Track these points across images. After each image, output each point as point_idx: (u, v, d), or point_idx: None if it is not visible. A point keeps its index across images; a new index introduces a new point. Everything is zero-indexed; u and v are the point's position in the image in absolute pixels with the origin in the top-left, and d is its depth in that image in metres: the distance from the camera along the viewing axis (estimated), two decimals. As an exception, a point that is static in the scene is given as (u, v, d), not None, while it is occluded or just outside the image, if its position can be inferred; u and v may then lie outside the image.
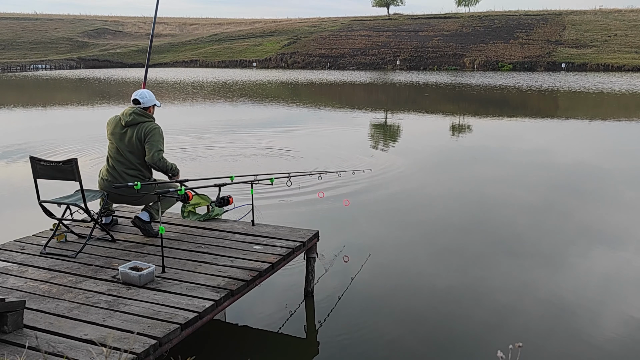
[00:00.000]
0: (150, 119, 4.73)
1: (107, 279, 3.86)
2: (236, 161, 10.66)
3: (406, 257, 5.88)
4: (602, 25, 59.72)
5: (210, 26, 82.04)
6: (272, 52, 62.70)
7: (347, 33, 67.26)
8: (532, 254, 6.00)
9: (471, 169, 10.52)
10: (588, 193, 8.74)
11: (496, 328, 4.40)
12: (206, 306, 3.43)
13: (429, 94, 28.09)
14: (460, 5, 76.38)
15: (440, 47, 58.41)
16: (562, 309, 4.69)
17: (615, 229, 6.88)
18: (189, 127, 15.08)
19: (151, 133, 4.61)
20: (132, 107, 4.72)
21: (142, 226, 4.73)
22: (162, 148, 4.66)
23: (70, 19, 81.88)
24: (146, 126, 4.64)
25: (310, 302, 4.77)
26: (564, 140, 14.25)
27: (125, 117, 4.64)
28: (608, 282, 5.30)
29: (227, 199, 4.80)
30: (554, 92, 28.56)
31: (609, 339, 4.21)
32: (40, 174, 4.39)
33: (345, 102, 25.72)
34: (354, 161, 10.69)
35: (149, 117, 4.73)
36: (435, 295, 4.98)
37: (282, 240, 4.65)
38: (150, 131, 4.62)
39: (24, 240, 4.67)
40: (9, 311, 3.02)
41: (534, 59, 52.60)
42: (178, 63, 62.27)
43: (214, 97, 26.50)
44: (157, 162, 4.61)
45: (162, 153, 4.66)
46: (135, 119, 4.63)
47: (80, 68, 57.76)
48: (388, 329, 4.38)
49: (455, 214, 7.42)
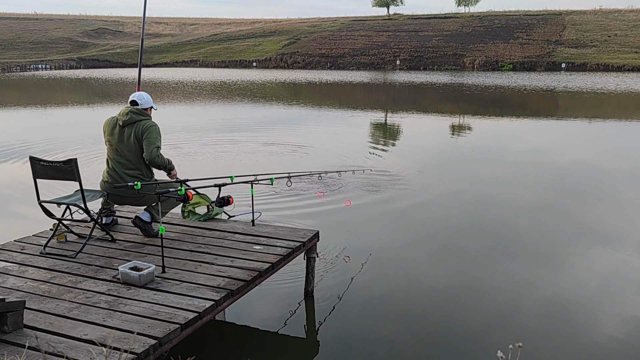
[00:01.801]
0: (147, 117, 4.74)
1: (107, 279, 3.86)
2: (235, 159, 10.65)
3: (406, 257, 5.87)
4: (602, 25, 59.70)
5: (210, 26, 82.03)
6: (272, 52, 62.69)
7: (347, 33, 67.25)
8: (531, 254, 6.00)
9: (471, 169, 10.52)
10: (588, 193, 8.74)
11: (496, 328, 4.40)
12: (206, 306, 3.43)
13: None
14: (460, 5, 76.38)
15: (440, 47, 58.39)
16: (562, 309, 4.70)
17: (614, 229, 6.88)
18: (188, 127, 15.08)
19: (148, 130, 4.63)
20: (129, 107, 4.72)
21: (143, 226, 4.73)
22: (159, 145, 4.69)
23: (70, 19, 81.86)
24: (143, 124, 4.66)
25: (310, 302, 4.77)
26: (564, 141, 14.24)
27: (122, 116, 4.65)
28: (607, 282, 5.30)
29: (227, 199, 4.80)
30: (554, 92, 28.56)
31: (609, 339, 4.21)
32: (40, 174, 4.39)
33: (345, 102, 25.71)
34: (353, 161, 10.69)
35: (146, 116, 4.74)
36: (435, 295, 4.98)
37: (282, 240, 4.65)
38: (148, 128, 4.63)
39: (24, 240, 4.67)
40: (9, 311, 3.02)
41: (534, 59, 52.58)
42: (178, 63, 62.26)
43: (214, 96, 26.50)
44: (154, 159, 4.62)
45: (160, 150, 4.69)
46: (133, 118, 4.64)
47: (80, 68, 57.75)
48: (388, 329, 4.38)
49: (455, 214, 7.42)
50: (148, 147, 4.60)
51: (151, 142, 4.62)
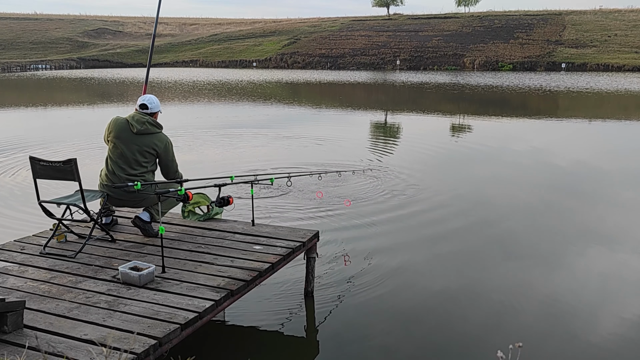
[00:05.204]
0: (160, 128, 4.81)
1: (107, 279, 3.86)
2: (235, 159, 10.65)
3: (406, 257, 5.87)
4: (602, 25, 59.71)
5: (210, 26, 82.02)
6: (272, 52, 62.69)
7: (347, 33, 67.26)
8: (531, 254, 6.00)
9: (471, 169, 10.52)
10: (587, 194, 8.74)
11: (496, 328, 4.40)
12: (206, 306, 3.43)
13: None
14: (460, 5, 76.40)
15: (440, 47, 58.40)
16: (562, 309, 4.70)
17: (614, 230, 6.88)
18: (188, 127, 15.09)
19: (167, 148, 4.78)
20: (142, 115, 4.71)
21: (142, 226, 4.73)
22: (176, 162, 4.91)
23: (70, 19, 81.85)
24: (159, 138, 4.74)
25: (310, 302, 4.77)
26: (564, 141, 14.25)
27: (138, 124, 4.64)
28: (607, 282, 5.30)
29: (227, 199, 4.80)
30: (554, 92, 28.56)
31: (608, 339, 4.22)
32: (40, 174, 4.39)
33: (345, 102, 25.70)
34: (353, 161, 10.69)
35: (160, 127, 4.81)
36: (435, 295, 4.98)
37: (282, 240, 4.65)
38: (166, 146, 4.78)
39: (24, 240, 4.66)
40: (9, 311, 3.02)
41: (534, 59, 52.59)
42: (178, 63, 62.27)
43: (214, 96, 26.50)
44: (174, 176, 4.85)
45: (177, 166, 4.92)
46: (148, 129, 4.68)
47: (80, 68, 57.76)
48: (388, 329, 4.38)
49: (455, 214, 7.42)
50: (171, 167, 4.83)
51: (173, 161, 4.84)
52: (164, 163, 4.81)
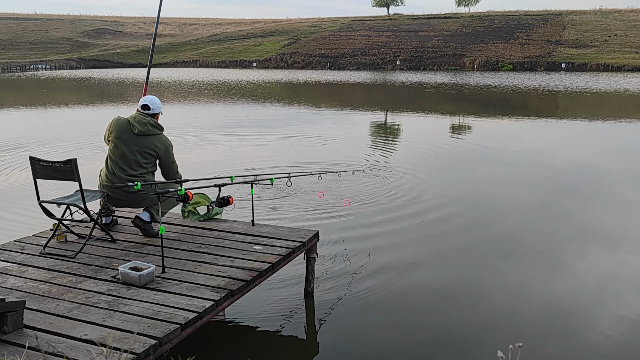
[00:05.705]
0: (161, 130, 4.82)
1: (107, 279, 3.86)
2: (235, 159, 10.65)
3: (406, 257, 5.87)
4: (602, 25, 59.70)
5: (210, 26, 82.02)
6: (272, 52, 62.69)
7: (347, 33, 67.26)
8: (531, 254, 6.00)
9: (471, 169, 10.52)
10: (587, 194, 8.74)
11: (496, 328, 4.40)
12: (206, 306, 3.43)
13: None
14: (460, 5, 76.41)
15: (440, 47, 58.39)
16: (562, 309, 4.70)
17: (613, 230, 6.88)
18: (188, 126, 15.08)
19: (167, 150, 4.79)
20: (144, 116, 4.72)
21: (143, 226, 4.73)
22: (177, 164, 4.92)
23: (70, 19, 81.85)
24: (160, 139, 4.75)
25: (310, 302, 4.77)
26: (564, 141, 14.24)
27: (139, 125, 4.64)
28: (607, 282, 5.31)
29: (227, 199, 4.80)
30: (553, 92, 28.55)
31: (608, 339, 4.22)
32: (40, 174, 4.39)
33: (345, 102, 25.71)
34: (353, 161, 10.69)
35: (161, 129, 4.82)
36: (435, 295, 4.98)
37: (282, 240, 4.65)
38: (167, 148, 4.78)
39: (24, 240, 4.67)
40: (9, 311, 3.02)
41: (534, 59, 52.59)
42: (178, 63, 62.26)
43: (214, 96, 26.50)
44: (174, 177, 4.85)
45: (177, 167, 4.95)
46: (150, 130, 4.69)
47: (80, 68, 57.75)
48: (388, 329, 4.38)
49: (455, 215, 7.42)
50: (171, 169, 4.85)
51: (173, 163, 4.85)
52: (164, 165, 4.81)
